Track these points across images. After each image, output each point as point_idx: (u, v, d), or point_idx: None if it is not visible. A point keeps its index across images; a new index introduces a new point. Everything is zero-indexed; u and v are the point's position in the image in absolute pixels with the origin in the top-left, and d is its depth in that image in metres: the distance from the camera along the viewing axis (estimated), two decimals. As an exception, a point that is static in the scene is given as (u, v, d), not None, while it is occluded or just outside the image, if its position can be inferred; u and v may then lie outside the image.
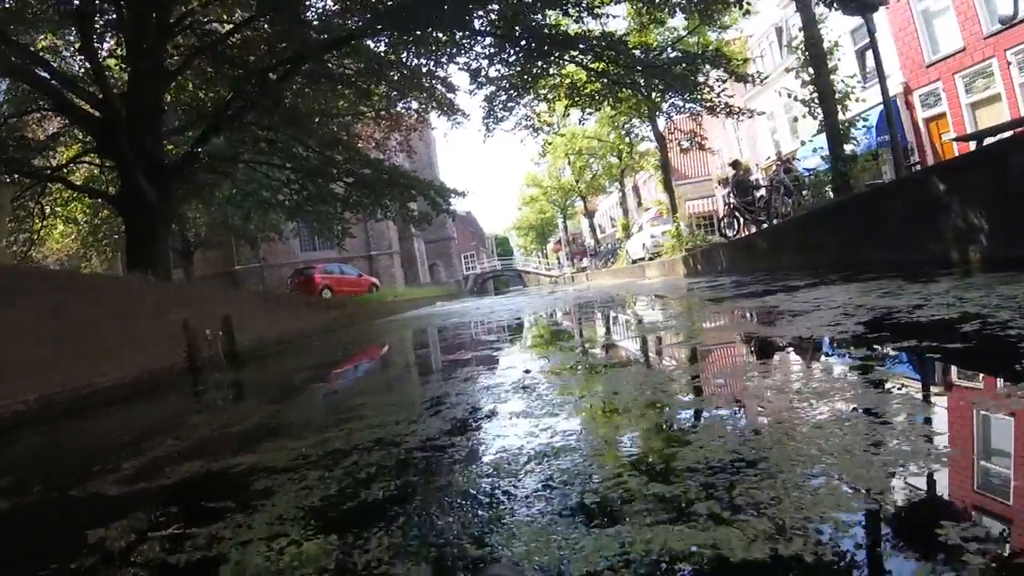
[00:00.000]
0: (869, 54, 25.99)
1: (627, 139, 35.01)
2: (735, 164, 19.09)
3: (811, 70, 14.16)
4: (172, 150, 18.63)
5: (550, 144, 23.01)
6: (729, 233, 18.00)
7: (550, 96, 20.08)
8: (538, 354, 5.64)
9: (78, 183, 19.04)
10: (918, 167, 17.84)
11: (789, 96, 14.35)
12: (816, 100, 14.08)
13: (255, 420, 4.17)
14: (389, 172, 21.37)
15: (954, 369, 2.89)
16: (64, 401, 6.13)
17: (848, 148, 14.23)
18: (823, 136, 14.59)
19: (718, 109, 17.58)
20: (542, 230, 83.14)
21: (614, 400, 3.14)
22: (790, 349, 3.90)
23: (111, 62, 18.15)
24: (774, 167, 17.97)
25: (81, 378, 6.41)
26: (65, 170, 18.75)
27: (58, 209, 20.96)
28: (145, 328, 7.64)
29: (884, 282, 6.36)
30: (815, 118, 14.14)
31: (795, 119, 32.24)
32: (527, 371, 4.48)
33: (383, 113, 23.35)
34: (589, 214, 47.48)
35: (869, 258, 9.65)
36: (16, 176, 17.50)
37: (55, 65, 16.01)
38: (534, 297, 24.05)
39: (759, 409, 2.60)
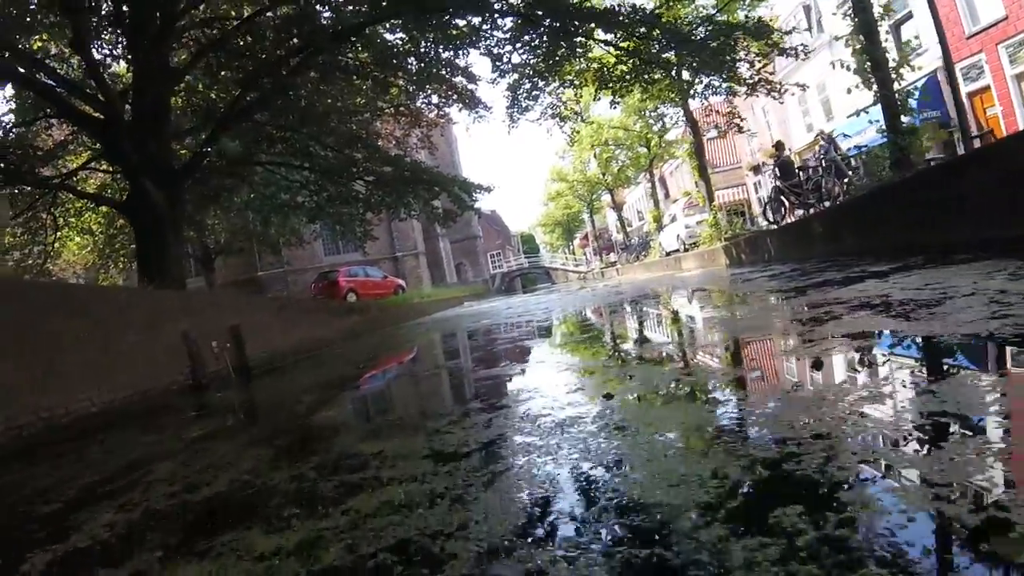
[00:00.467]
0: (904, 27, 25.00)
1: (656, 127, 33.90)
2: (778, 145, 17.92)
3: (861, 37, 12.99)
4: (183, 153, 17.85)
5: (578, 133, 21.90)
6: (774, 218, 16.86)
7: (577, 82, 19.02)
8: (606, 369, 4.48)
9: (90, 192, 18.34)
10: (979, 140, 16.49)
11: (841, 66, 13.12)
12: (868, 68, 12.88)
13: (230, 476, 3.12)
14: (411, 169, 20.50)
15: None
16: (37, 432, 5.24)
17: (905, 120, 13.06)
18: (865, 113, 13.57)
19: (758, 86, 16.39)
20: (568, 226, 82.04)
21: (786, 452, 1.96)
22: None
23: (121, 65, 17.50)
24: (819, 146, 16.77)
25: (57, 403, 5.52)
26: (75, 178, 18.08)
27: (71, 220, 20.29)
28: (139, 343, 6.74)
29: (993, 263, 5.27)
30: (869, 88, 12.93)
31: (827, 99, 31.16)
32: (608, 396, 3.33)
33: (402, 109, 22.55)
34: (617, 207, 46.28)
35: (947, 238, 8.51)
36: (22, 187, 16.87)
37: (57, 69, 15.21)
38: (566, 295, 23.00)
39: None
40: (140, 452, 4.49)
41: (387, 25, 16.30)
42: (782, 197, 16.44)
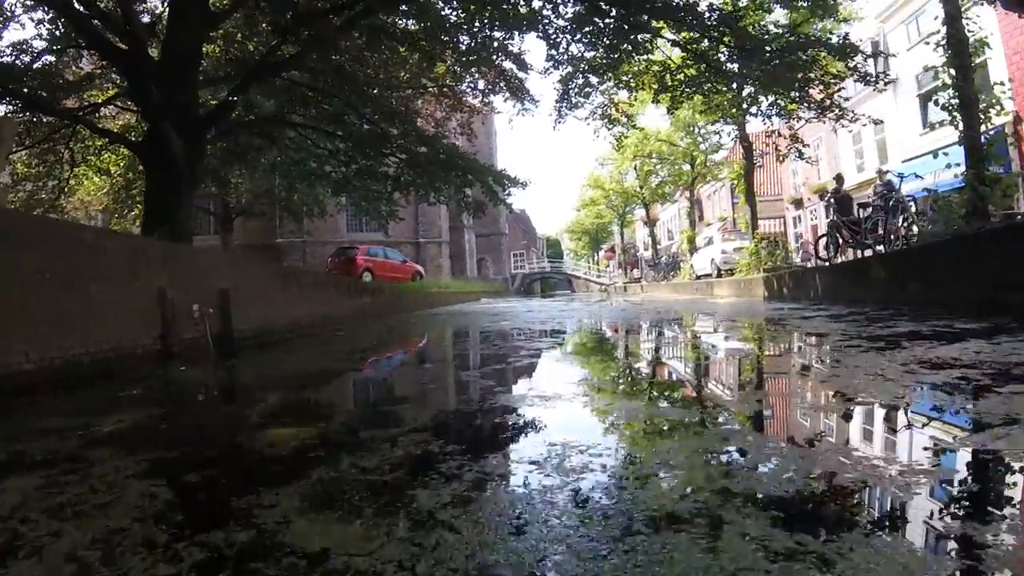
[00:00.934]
0: (978, 73, 23.69)
1: (703, 145, 32.80)
2: (838, 179, 16.76)
3: (953, 71, 11.83)
4: (212, 103, 16.95)
5: (625, 138, 20.76)
6: (827, 254, 15.70)
7: (633, 84, 17.92)
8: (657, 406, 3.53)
9: (112, 130, 17.47)
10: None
11: (930, 100, 11.95)
12: (956, 107, 11.71)
13: (128, 504, 2.06)
14: (446, 152, 19.51)
15: None
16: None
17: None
18: (944, 155, 12.44)
19: (829, 112, 15.22)
20: (596, 236, 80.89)
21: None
22: None
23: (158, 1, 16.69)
24: (877, 184, 15.63)
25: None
26: (97, 115, 17.22)
27: (91, 157, 19.43)
28: (107, 296, 5.74)
29: None
30: (955, 127, 11.76)
31: (883, 140, 29.86)
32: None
33: (446, 90, 21.63)
34: (650, 223, 45.09)
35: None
36: (40, 116, 16.10)
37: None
38: (589, 305, 21.94)
39: None
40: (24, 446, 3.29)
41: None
42: (839, 233, 15.26)
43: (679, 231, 62.22)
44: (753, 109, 17.03)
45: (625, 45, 15.54)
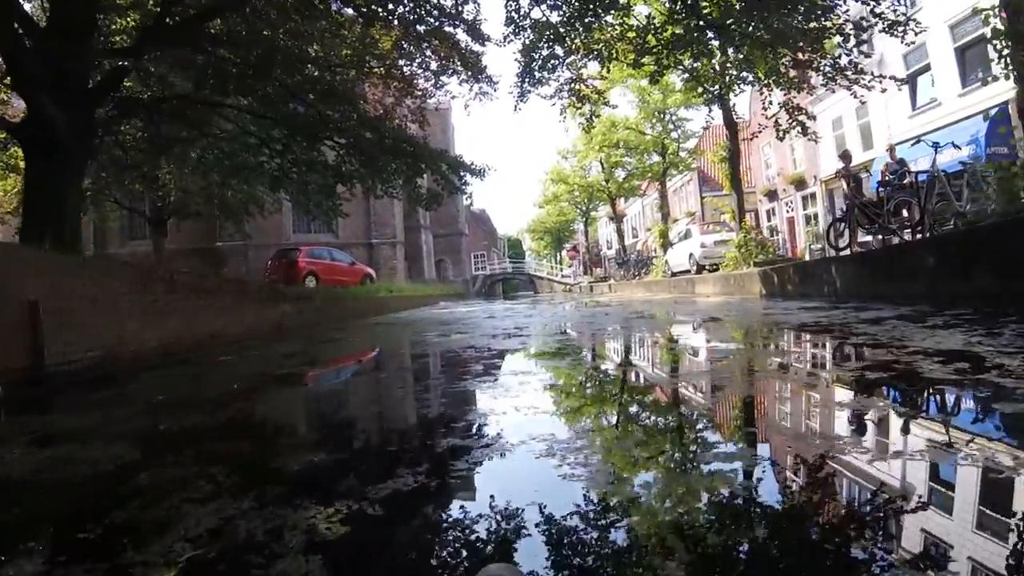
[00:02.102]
0: (971, 52, 21.89)
1: (675, 133, 30.73)
2: (846, 156, 14.53)
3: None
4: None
5: (596, 117, 18.45)
6: (838, 243, 13.53)
7: (606, 53, 15.60)
8: None
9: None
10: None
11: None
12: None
13: None
14: (392, 137, 17.07)
15: None
16: None
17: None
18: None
19: (841, 75, 12.99)
20: (558, 235, 78.74)
21: None
22: None
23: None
24: (889, 163, 13.55)
25: None
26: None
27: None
28: None
29: None
30: (1008, 78, 9.58)
31: (867, 125, 28.00)
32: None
33: (395, 71, 19.20)
34: (617, 218, 42.80)
35: None
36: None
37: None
38: (556, 306, 19.60)
39: None
40: None
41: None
42: (862, 217, 13.05)
43: (644, 228, 60.42)
44: (747, 75, 14.80)
45: (595, 7, 13.26)
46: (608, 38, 15.69)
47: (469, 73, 17.89)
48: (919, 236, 11.17)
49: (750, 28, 11.47)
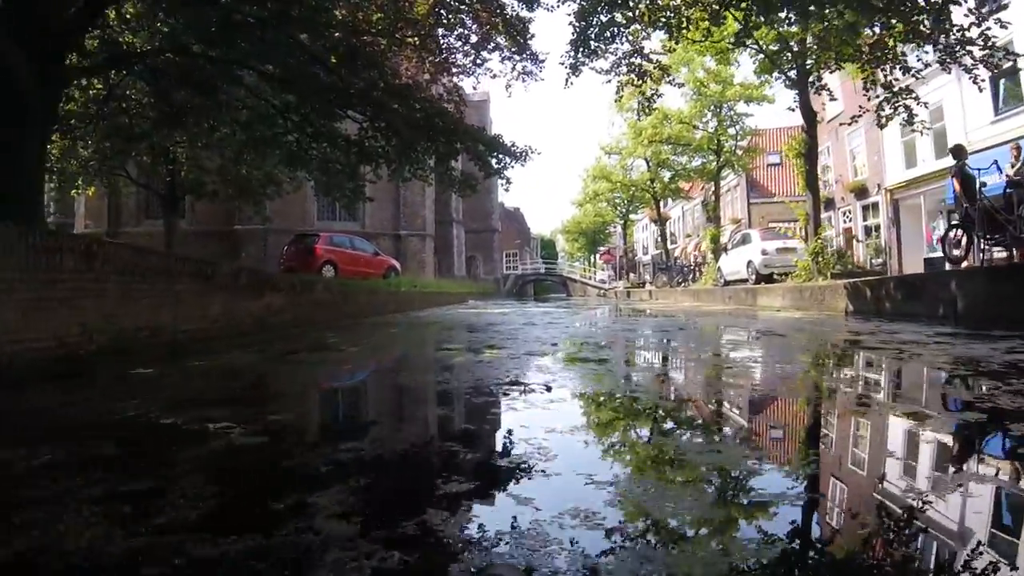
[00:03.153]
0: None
1: (732, 129, 28.25)
2: (958, 151, 12.09)
3: None
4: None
5: (659, 97, 16.21)
6: (954, 253, 11.14)
7: (675, 21, 13.36)
8: None
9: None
10: None
11: None
12: None
13: None
14: (424, 109, 14.91)
15: None
16: None
17: None
18: None
19: (962, 50, 10.59)
20: (594, 237, 76.07)
21: None
22: None
23: None
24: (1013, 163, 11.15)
25: None
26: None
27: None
28: None
29: None
30: None
31: (942, 130, 25.26)
32: None
33: (430, 43, 17.16)
34: (661, 220, 40.18)
35: None
36: None
37: None
38: (602, 313, 17.32)
39: None
40: None
41: None
42: (976, 224, 10.64)
43: (684, 234, 57.82)
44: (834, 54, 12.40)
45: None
46: (679, 3, 13.43)
47: (513, 48, 15.78)
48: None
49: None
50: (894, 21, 10.72)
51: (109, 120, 16.50)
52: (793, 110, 17.07)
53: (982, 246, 10.81)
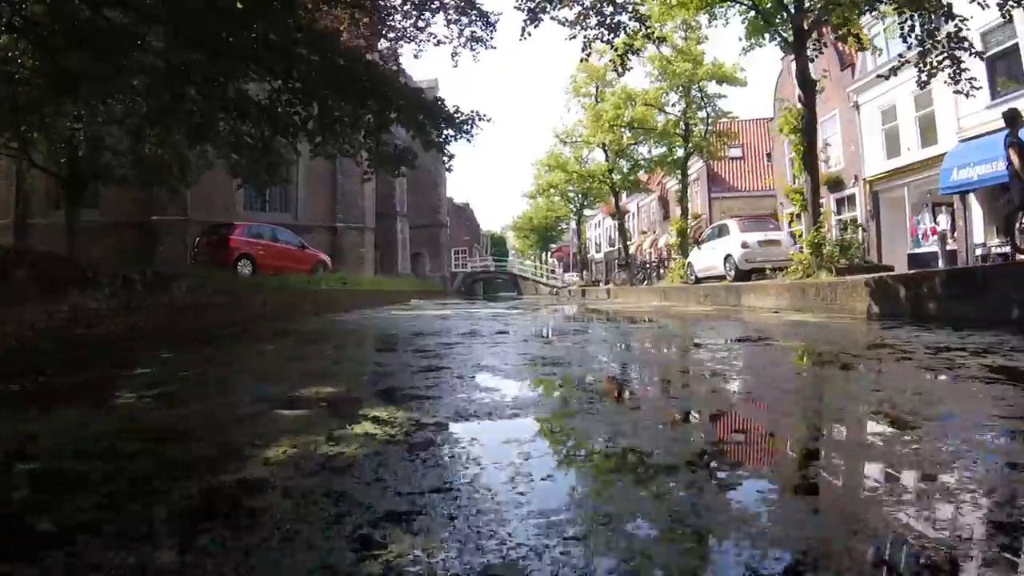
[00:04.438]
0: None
1: (702, 112, 25.83)
2: (1013, 117, 9.68)
3: None
4: None
5: (636, 55, 13.68)
6: (1013, 238, 8.75)
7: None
8: None
9: None
10: None
11: None
12: None
13: None
14: (347, 62, 12.15)
15: None
16: None
17: None
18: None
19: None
20: (545, 234, 73.61)
21: None
22: None
23: None
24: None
25: None
26: None
27: None
28: None
29: None
30: None
31: (930, 115, 23.21)
32: None
33: (364, 1, 14.73)
34: (619, 214, 37.51)
35: None
36: None
37: None
38: (563, 315, 14.69)
39: None
40: None
41: None
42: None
43: (639, 230, 55.64)
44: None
45: None
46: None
47: (461, 3, 13.27)
48: None
49: None
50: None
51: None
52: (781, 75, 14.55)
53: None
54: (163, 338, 6.56)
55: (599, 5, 12.00)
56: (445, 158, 13.65)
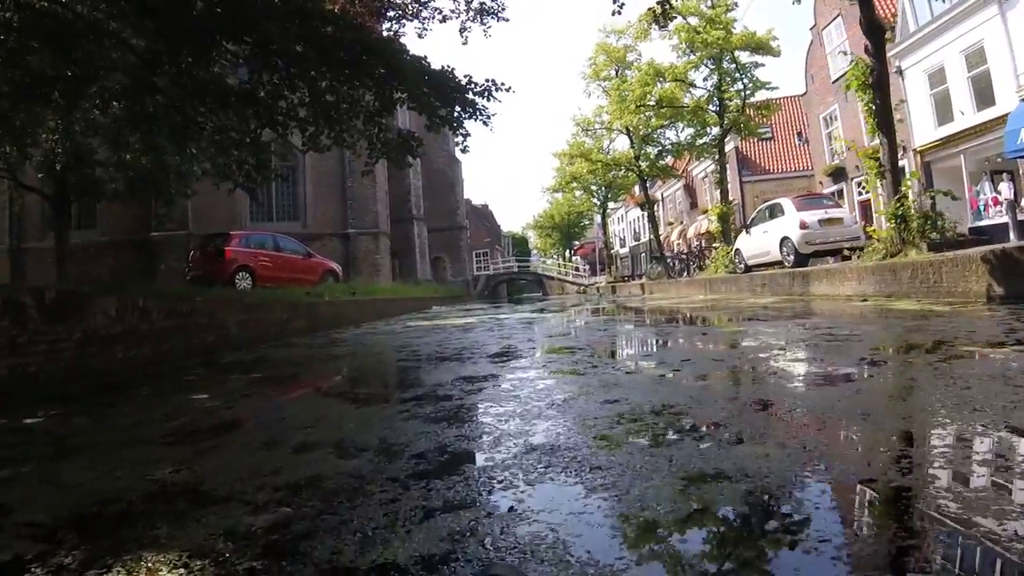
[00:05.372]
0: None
1: (737, 84, 23.63)
2: None
3: None
4: None
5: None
6: None
7: None
8: None
9: None
10: None
11: None
12: None
13: None
14: (340, 29, 10.27)
15: None
16: None
17: None
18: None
19: None
20: (568, 231, 71.55)
21: None
22: None
23: None
24: None
25: None
26: None
27: None
28: None
29: None
30: None
31: (984, 74, 20.93)
32: None
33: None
34: (649, 204, 35.12)
35: None
36: None
37: None
38: (612, 319, 12.66)
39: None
40: None
41: None
42: None
43: (666, 222, 53.26)
44: None
45: None
46: None
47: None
48: None
49: None
50: None
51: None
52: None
53: None
54: (68, 386, 4.60)
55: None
56: (459, 140, 11.59)
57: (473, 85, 10.62)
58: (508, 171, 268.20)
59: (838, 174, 30.07)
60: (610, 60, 30.66)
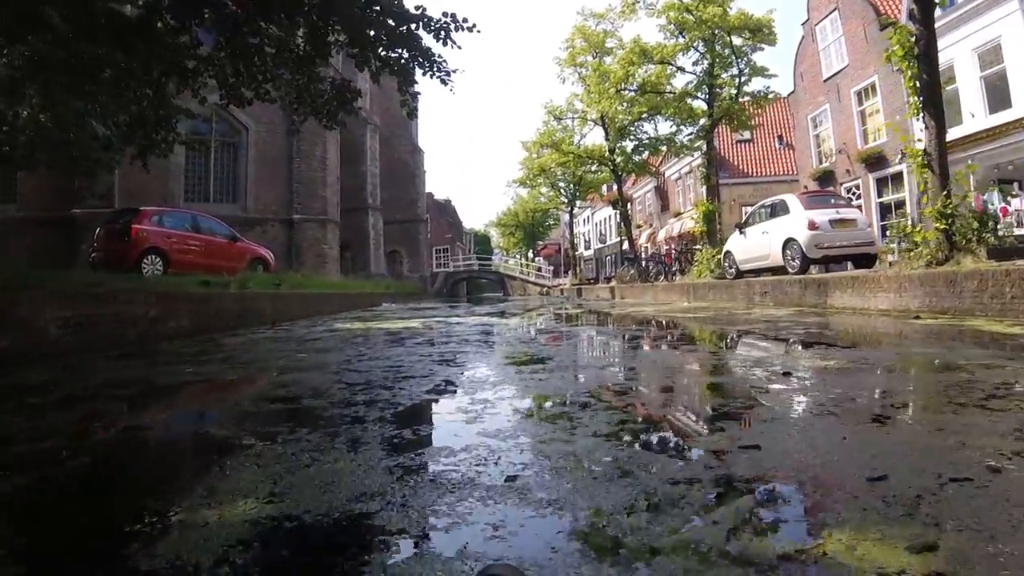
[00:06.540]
0: None
1: (731, 70, 21.50)
2: None
3: None
4: None
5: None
6: None
7: None
8: None
9: None
10: None
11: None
12: None
13: None
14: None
15: None
16: None
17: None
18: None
19: None
20: (532, 230, 69.34)
21: None
22: None
23: None
24: None
25: None
26: None
27: None
28: None
29: None
30: None
31: (1001, 73, 19.19)
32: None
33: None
34: (623, 202, 32.81)
35: None
36: None
37: None
38: (588, 327, 10.33)
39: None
40: None
41: None
42: None
43: (634, 224, 51.21)
44: None
45: None
46: None
47: None
48: None
49: None
50: None
51: None
52: None
53: None
54: None
55: None
56: (405, 87, 9.06)
57: (426, 19, 8.13)
58: (472, 169, 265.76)
59: (826, 178, 28.15)
60: (588, 45, 28.47)
